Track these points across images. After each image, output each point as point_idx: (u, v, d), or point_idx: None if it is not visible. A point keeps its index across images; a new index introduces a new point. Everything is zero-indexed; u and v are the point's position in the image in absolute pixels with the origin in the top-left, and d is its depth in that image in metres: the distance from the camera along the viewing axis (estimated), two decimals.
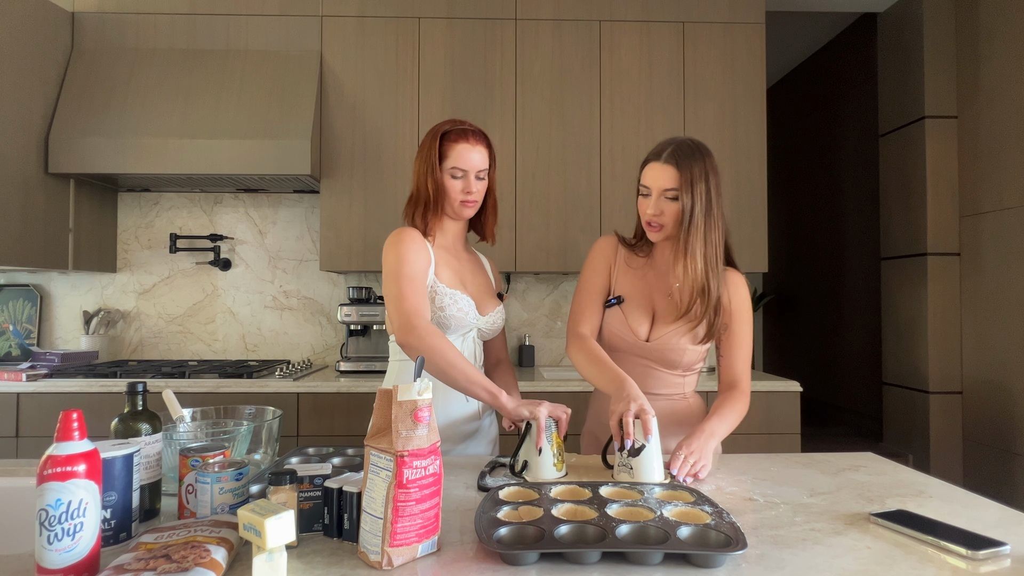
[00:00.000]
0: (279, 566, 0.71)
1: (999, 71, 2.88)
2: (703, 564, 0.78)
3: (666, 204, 1.29)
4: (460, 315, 1.39)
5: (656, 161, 1.30)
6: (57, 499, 0.72)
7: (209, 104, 2.51)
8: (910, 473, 1.23)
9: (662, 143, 1.33)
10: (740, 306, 1.35)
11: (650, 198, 1.31)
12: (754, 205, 2.70)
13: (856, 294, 4.29)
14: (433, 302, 1.38)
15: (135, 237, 2.91)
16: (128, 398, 1.01)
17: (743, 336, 1.35)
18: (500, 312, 1.51)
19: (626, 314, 1.37)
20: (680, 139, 1.33)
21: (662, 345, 1.34)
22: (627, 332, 1.36)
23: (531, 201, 2.67)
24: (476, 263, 1.55)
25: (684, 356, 1.34)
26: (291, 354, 2.92)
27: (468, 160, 1.38)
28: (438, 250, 1.45)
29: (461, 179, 1.39)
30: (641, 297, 1.39)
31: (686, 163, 1.27)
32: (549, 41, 2.70)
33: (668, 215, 1.30)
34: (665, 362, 1.36)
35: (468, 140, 1.39)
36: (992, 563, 0.81)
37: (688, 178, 1.26)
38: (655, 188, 1.30)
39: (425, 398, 0.84)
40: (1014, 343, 2.79)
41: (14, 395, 2.27)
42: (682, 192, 1.27)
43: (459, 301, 1.39)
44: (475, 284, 1.48)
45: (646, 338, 1.36)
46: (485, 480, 1.13)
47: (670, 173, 1.27)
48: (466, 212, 1.43)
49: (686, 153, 1.29)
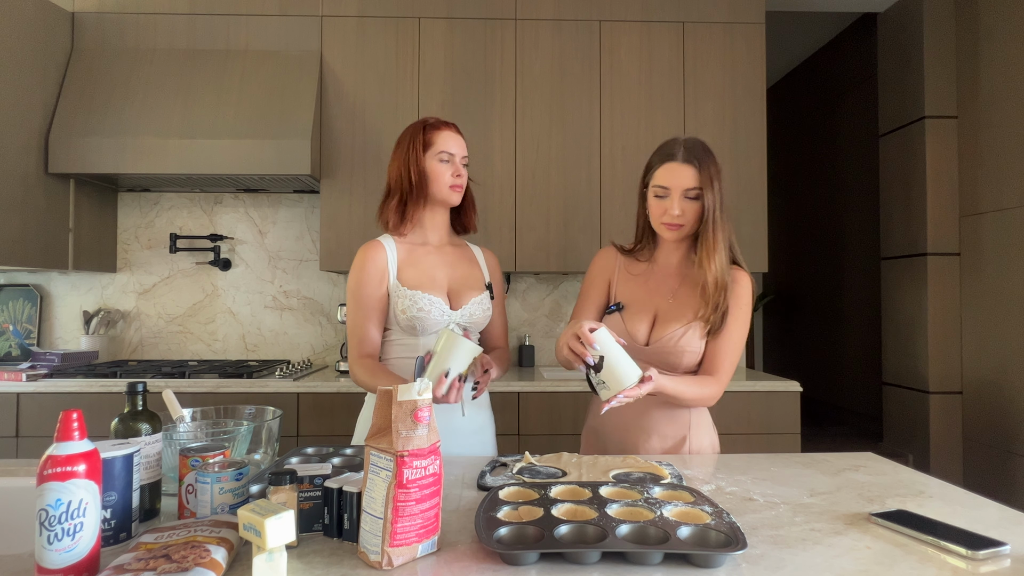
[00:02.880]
0: (279, 566, 0.71)
1: (999, 71, 2.88)
2: (703, 564, 0.78)
3: (687, 204, 1.30)
4: (422, 315, 1.41)
5: (673, 161, 1.30)
6: (57, 499, 0.72)
7: (209, 104, 2.51)
8: (910, 473, 1.23)
9: (670, 143, 1.34)
10: (735, 301, 1.35)
11: (669, 199, 1.31)
12: (754, 205, 2.70)
13: (856, 294, 4.29)
14: (396, 306, 1.43)
15: (135, 237, 2.91)
16: (128, 398, 1.01)
17: (732, 331, 1.35)
18: (480, 303, 1.48)
19: (625, 320, 1.38)
20: (688, 138, 1.34)
21: (661, 348, 1.34)
22: (626, 337, 1.36)
23: (531, 201, 2.67)
24: (461, 256, 1.54)
25: (683, 358, 1.34)
26: (291, 354, 2.92)
27: (454, 145, 1.46)
28: (408, 247, 1.48)
29: (449, 163, 1.46)
30: (642, 302, 1.39)
31: (704, 162, 1.29)
32: (549, 41, 2.70)
33: (689, 214, 1.31)
34: (665, 365, 1.35)
35: (450, 128, 1.48)
36: (992, 563, 0.81)
37: (708, 176, 1.29)
38: (676, 188, 1.30)
39: (425, 398, 0.84)
40: (1014, 343, 2.79)
41: (14, 395, 2.27)
42: (705, 190, 1.29)
43: (419, 301, 1.41)
44: (452, 278, 1.49)
45: (645, 342, 1.36)
46: (485, 480, 1.13)
47: (690, 172, 1.29)
48: (454, 197, 1.47)
49: (701, 152, 1.31)
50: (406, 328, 1.44)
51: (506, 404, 2.36)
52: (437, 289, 1.45)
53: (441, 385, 1.22)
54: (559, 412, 2.38)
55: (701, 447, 1.40)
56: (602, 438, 1.44)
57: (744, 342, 1.37)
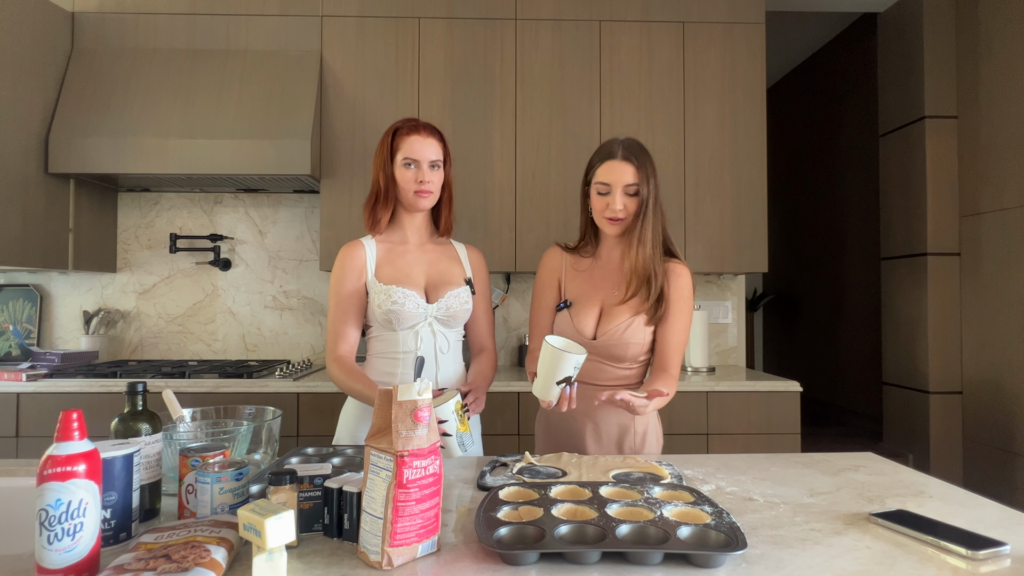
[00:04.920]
0: (279, 566, 0.71)
1: (999, 71, 2.88)
2: (703, 564, 0.78)
3: (627, 199, 1.38)
4: (396, 308, 1.44)
5: (613, 160, 1.38)
6: (57, 499, 0.72)
7: (209, 104, 2.51)
8: (910, 473, 1.23)
9: (609, 143, 1.42)
10: (678, 295, 1.42)
11: (611, 195, 1.38)
12: (754, 205, 2.70)
13: (856, 294, 4.29)
14: (373, 301, 1.47)
15: (135, 237, 2.91)
16: (128, 398, 1.01)
17: (677, 324, 1.41)
18: (457, 296, 1.50)
19: (573, 316, 1.45)
20: (625, 138, 1.42)
21: (607, 341, 1.41)
22: (574, 333, 1.43)
23: (531, 201, 2.67)
24: (441, 253, 1.57)
25: (629, 350, 1.41)
26: (291, 354, 2.92)
27: (419, 151, 1.46)
28: (387, 246, 1.52)
29: (413, 168, 1.47)
30: (588, 297, 1.46)
31: (641, 159, 1.38)
32: (549, 41, 2.70)
33: (630, 208, 1.39)
34: (612, 357, 1.42)
35: (420, 132, 1.48)
36: (992, 563, 0.81)
37: (645, 173, 1.37)
38: (617, 184, 1.37)
39: (425, 398, 0.84)
40: (1014, 343, 2.79)
41: (14, 395, 2.27)
42: (641, 185, 1.37)
43: (393, 295, 1.45)
44: (429, 274, 1.52)
45: (592, 336, 1.43)
46: (485, 480, 1.13)
47: (630, 169, 1.37)
48: (421, 203, 1.49)
49: (638, 151, 1.39)
50: (383, 323, 1.47)
51: (506, 404, 2.36)
52: (413, 284, 1.49)
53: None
54: None
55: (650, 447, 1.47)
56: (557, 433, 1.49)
57: (688, 332, 1.45)
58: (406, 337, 1.47)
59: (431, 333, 1.49)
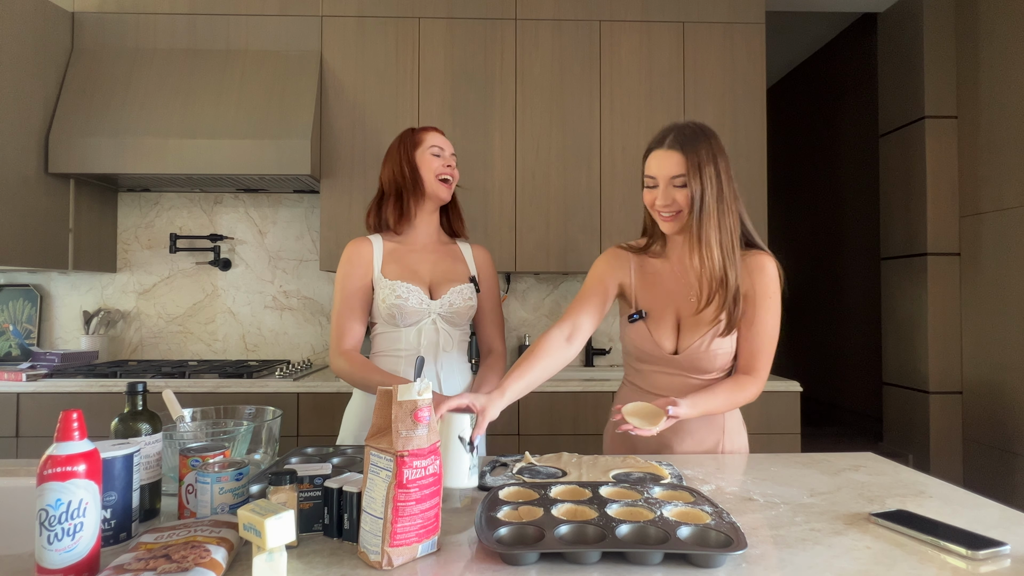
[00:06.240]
0: (279, 566, 0.71)
1: (999, 71, 2.88)
2: (703, 564, 0.78)
3: (676, 192, 1.24)
4: (400, 302, 1.45)
5: (659, 148, 1.25)
6: (57, 499, 0.72)
7: (209, 104, 2.51)
8: (910, 473, 1.23)
9: (664, 129, 1.28)
10: (762, 290, 1.29)
11: (657, 188, 1.26)
12: (754, 205, 2.70)
13: (856, 294, 4.29)
14: (378, 296, 1.49)
15: (135, 237, 2.91)
16: (128, 398, 1.01)
17: (764, 321, 1.29)
18: (460, 292, 1.51)
19: (651, 329, 1.33)
20: (682, 123, 1.28)
21: (691, 356, 1.31)
22: (654, 347, 1.33)
23: (531, 201, 2.67)
24: (447, 252, 1.58)
25: (716, 361, 1.31)
26: (291, 354, 2.92)
27: (443, 143, 1.55)
28: (394, 245, 1.54)
29: (440, 156, 1.53)
30: (664, 307, 1.34)
31: (691, 147, 1.22)
32: (549, 41, 2.70)
33: (681, 203, 1.24)
34: (698, 370, 1.32)
35: (437, 131, 1.57)
36: (992, 563, 0.81)
37: (695, 162, 1.21)
38: (662, 176, 1.25)
39: (425, 398, 0.84)
40: (1014, 343, 2.79)
41: (14, 395, 2.27)
42: (690, 178, 1.21)
43: (397, 289, 1.46)
44: (434, 272, 1.53)
45: (674, 351, 1.33)
46: (485, 480, 1.13)
47: (676, 159, 1.23)
48: (443, 191, 1.52)
49: (690, 136, 1.24)
50: (387, 318, 1.48)
51: None
52: (418, 281, 1.50)
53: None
54: (559, 412, 2.38)
55: (734, 448, 1.39)
56: (632, 437, 1.38)
57: (778, 330, 1.30)
58: (408, 334, 1.48)
59: (435, 330, 1.49)
